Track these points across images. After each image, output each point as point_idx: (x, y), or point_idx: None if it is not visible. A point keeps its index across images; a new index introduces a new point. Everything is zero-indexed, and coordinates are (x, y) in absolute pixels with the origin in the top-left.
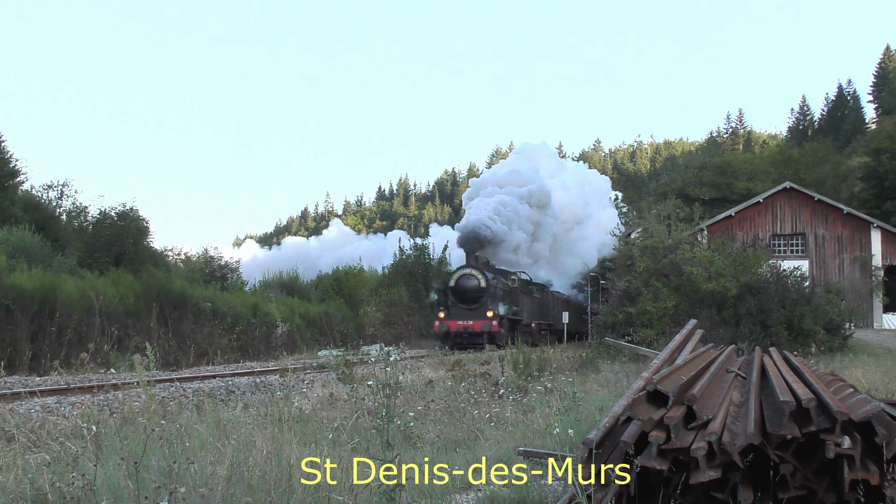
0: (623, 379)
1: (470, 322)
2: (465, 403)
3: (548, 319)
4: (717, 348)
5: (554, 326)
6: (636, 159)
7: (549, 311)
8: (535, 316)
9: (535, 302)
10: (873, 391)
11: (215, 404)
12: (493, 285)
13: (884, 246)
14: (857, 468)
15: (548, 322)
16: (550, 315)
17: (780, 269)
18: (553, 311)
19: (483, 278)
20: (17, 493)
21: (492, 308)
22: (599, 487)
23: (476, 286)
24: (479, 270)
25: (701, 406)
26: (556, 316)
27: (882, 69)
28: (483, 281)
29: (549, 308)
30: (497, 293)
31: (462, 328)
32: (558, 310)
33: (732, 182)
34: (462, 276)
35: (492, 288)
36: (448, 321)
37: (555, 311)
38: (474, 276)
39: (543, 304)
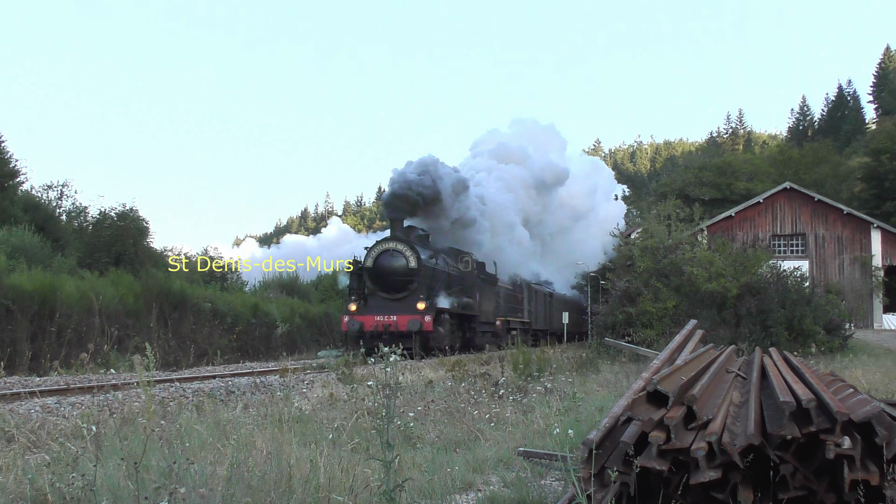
0: (623, 379)
1: (392, 317)
2: (465, 404)
3: (520, 316)
4: (717, 349)
5: (531, 326)
6: (636, 159)
7: (526, 309)
8: (501, 312)
9: (501, 295)
10: (873, 391)
11: (215, 405)
12: (429, 267)
13: (884, 246)
14: (857, 468)
15: (521, 320)
16: (528, 313)
17: (781, 270)
18: (534, 308)
19: (414, 256)
20: (17, 494)
21: (425, 298)
22: (599, 488)
23: (403, 267)
24: (408, 245)
25: (701, 406)
26: (540, 314)
27: (882, 69)
28: (413, 260)
29: (526, 304)
30: (437, 278)
31: (382, 326)
32: (541, 307)
33: (732, 182)
34: (383, 254)
35: (426, 270)
36: (361, 316)
37: (537, 309)
38: (400, 254)
39: (515, 299)
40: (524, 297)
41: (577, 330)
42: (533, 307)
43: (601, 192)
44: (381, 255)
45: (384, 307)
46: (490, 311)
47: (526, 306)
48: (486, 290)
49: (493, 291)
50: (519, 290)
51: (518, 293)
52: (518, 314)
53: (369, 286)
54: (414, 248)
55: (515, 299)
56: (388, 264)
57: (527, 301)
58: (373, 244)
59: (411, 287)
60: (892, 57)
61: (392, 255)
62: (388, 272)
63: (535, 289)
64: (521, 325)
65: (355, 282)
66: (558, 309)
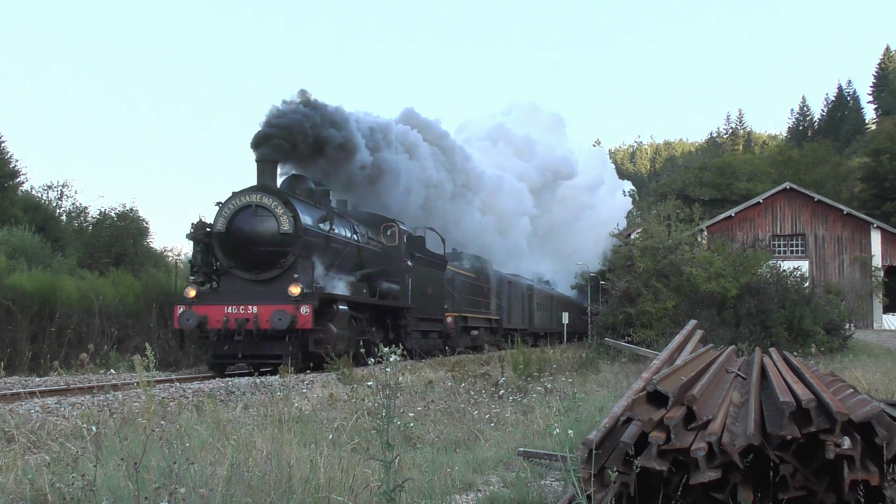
0: (623, 380)
1: (251, 309)
2: (465, 404)
3: (485, 312)
4: (716, 349)
5: (501, 325)
6: (636, 160)
7: (493, 303)
8: (454, 305)
9: (457, 285)
10: (873, 392)
11: (215, 405)
12: (317, 233)
13: (884, 246)
14: (857, 469)
15: (486, 317)
16: (498, 308)
17: (780, 270)
18: (507, 303)
19: (289, 216)
20: (17, 494)
21: (304, 277)
22: (599, 488)
23: (272, 232)
24: (279, 200)
25: (701, 406)
26: (516, 311)
27: (882, 70)
28: (288, 221)
29: (494, 298)
30: (333, 252)
31: (235, 321)
32: (517, 302)
33: (732, 183)
34: (242, 212)
35: (311, 238)
36: (203, 306)
37: (511, 304)
38: (268, 212)
39: (477, 290)
40: (491, 289)
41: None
42: (505, 302)
43: (605, 189)
44: (238, 213)
45: (242, 293)
46: (433, 303)
47: (494, 300)
48: (425, 276)
49: (438, 278)
50: (484, 279)
51: (483, 283)
52: (482, 309)
53: (222, 261)
54: (290, 203)
55: (478, 291)
56: (248, 228)
57: (496, 294)
58: (228, 196)
59: (283, 262)
60: (892, 57)
61: (255, 215)
62: (249, 239)
63: (509, 280)
64: (487, 324)
65: (201, 255)
66: (544, 306)
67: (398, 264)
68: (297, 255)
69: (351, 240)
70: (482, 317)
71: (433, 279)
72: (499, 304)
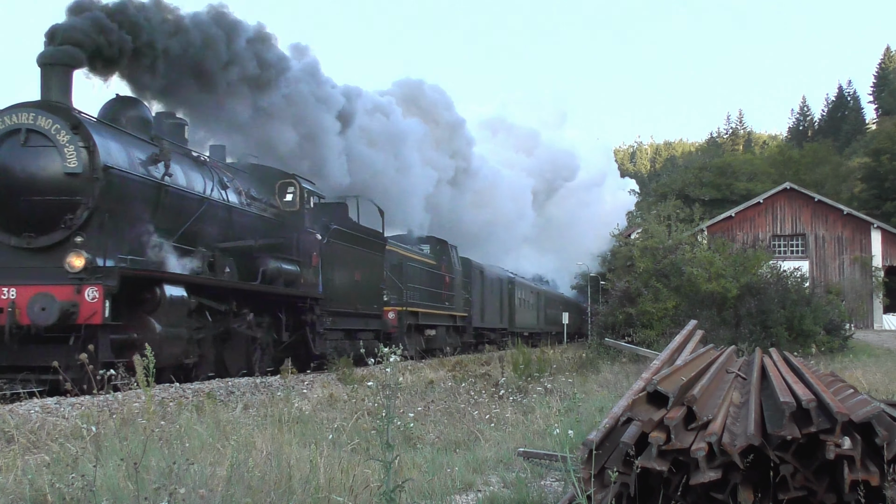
0: (623, 380)
1: (6, 293)
2: (465, 404)
3: (448, 307)
4: (717, 349)
5: (470, 324)
6: (636, 160)
7: (459, 297)
8: (404, 299)
9: (404, 270)
10: (873, 392)
11: (215, 405)
12: (138, 178)
13: (884, 246)
14: (858, 469)
15: (451, 313)
16: (465, 303)
17: (781, 270)
18: (479, 298)
19: (77, 146)
20: (17, 494)
21: (98, 242)
22: (599, 488)
23: (53, 173)
24: (63, 120)
25: (701, 407)
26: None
27: (882, 70)
28: (76, 155)
29: (460, 291)
30: (161, 206)
31: None
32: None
33: (732, 183)
34: (5, 140)
35: (115, 181)
36: None
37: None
38: (44, 139)
39: (437, 281)
40: (455, 280)
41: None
42: (477, 297)
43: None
44: None
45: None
46: (364, 294)
47: (460, 294)
48: (349, 257)
49: (372, 261)
50: (447, 267)
51: (446, 273)
52: (443, 304)
53: None
54: (84, 128)
55: (437, 281)
56: (14, 165)
57: (462, 286)
58: None
59: (70, 221)
60: (893, 57)
61: (25, 145)
62: (15, 183)
63: (482, 270)
64: (450, 322)
65: None
66: (529, 303)
67: (300, 237)
68: (94, 209)
69: (211, 196)
70: (442, 313)
71: (364, 262)
72: (468, 298)
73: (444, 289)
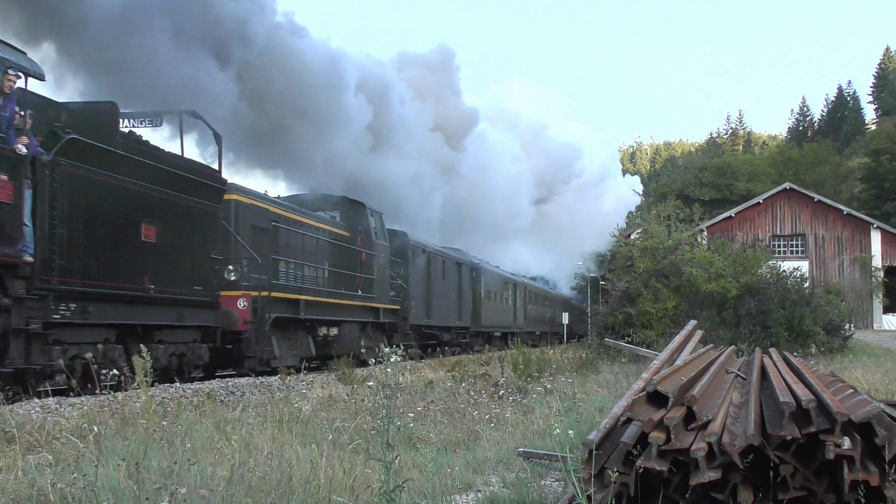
0: (623, 380)
1: None
2: (465, 404)
3: (365, 297)
4: (716, 349)
5: (407, 320)
6: (636, 160)
7: (380, 282)
8: (274, 279)
9: (279, 241)
10: (873, 392)
11: (215, 405)
12: None
13: (884, 247)
14: (857, 469)
15: (365, 304)
16: (393, 291)
17: (780, 270)
18: (423, 288)
19: None
20: (18, 494)
21: None
22: (599, 488)
23: None
24: None
25: (701, 407)
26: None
27: (882, 70)
28: None
29: (380, 273)
30: None
31: None
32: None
33: (732, 183)
34: None
35: None
36: None
37: (432, 291)
38: None
39: (350, 260)
40: (376, 260)
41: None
42: (417, 285)
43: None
44: None
45: None
46: (163, 262)
47: (385, 278)
48: (125, 196)
49: (188, 211)
50: (365, 241)
51: (362, 248)
52: (355, 292)
53: None
54: None
55: (347, 259)
56: None
57: (388, 268)
58: None
59: None
60: (892, 57)
61: None
62: None
63: (427, 251)
64: (363, 316)
65: None
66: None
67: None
68: None
69: None
70: (351, 304)
71: (169, 212)
72: (402, 285)
73: (358, 270)
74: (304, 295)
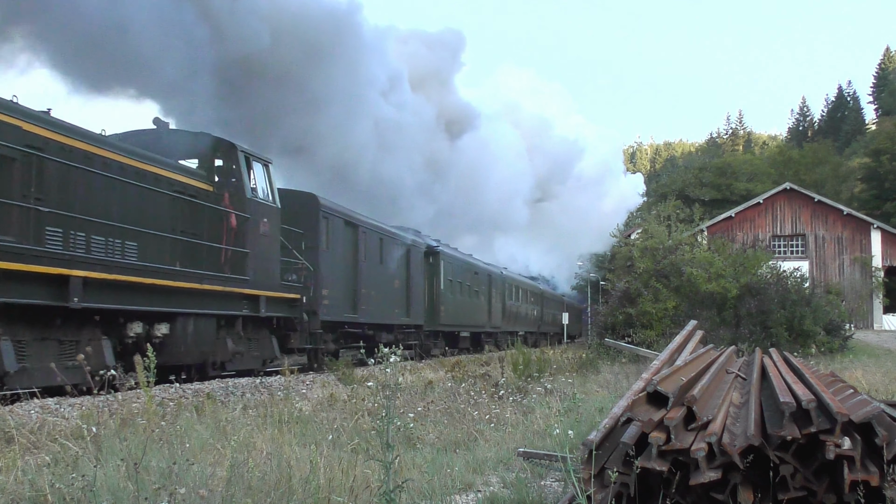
0: (623, 380)
1: None
2: (465, 404)
3: (238, 283)
4: (717, 349)
5: (312, 317)
6: (636, 160)
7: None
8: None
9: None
10: (873, 392)
11: (215, 405)
12: None
13: (884, 247)
14: (857, 469)
15: (243, 291)
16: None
17: (780, 271)
18: (347, 273)
19: None
20: (17, 494)
21: None
22: (599, 488)
23: None
24: None
25: (701, 407)
26: (371, 292)
27: (882, 70)
28: None
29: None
30: None
31: None
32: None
33: (732, 183)
34: None
35: None
36: None
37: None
38: None
39: (213, 224)
40: (253, 227)
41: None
42: (332, 268)
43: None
44: None
45: None
46: None
47: (272, 254)
48: None
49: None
50: (237, 200)
51: (233, 209)
52: (218, 272)
53: None
54: None
55: (204, 222)
56: None
57: (264, 239)
58: None
59: None
60: (892, 58)
61: None
62: None
63: (349, 221)
64: (244, 305)
65: None
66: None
67: None
68: None
69: None
70: (195, 287)
71: None
72: (307, 267)
73: (225, 240)
74: (81, 269)
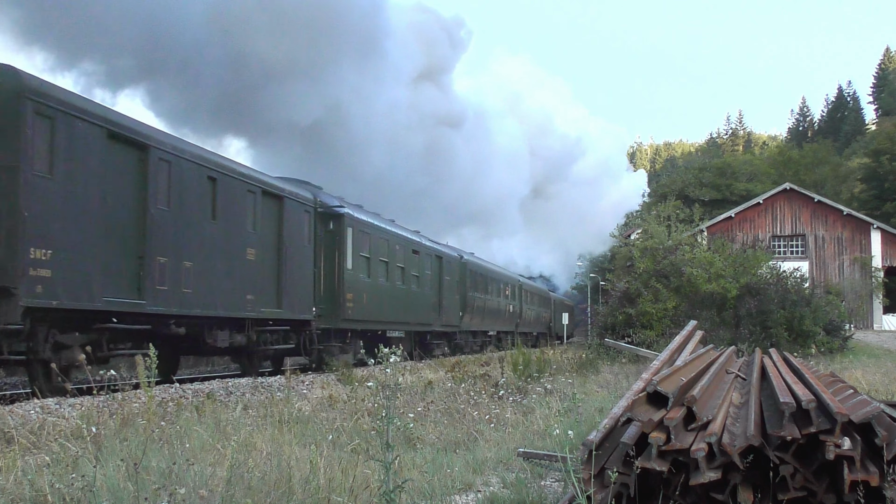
0: (623, 380)
1: None
2: (465, 405)
3: None
4: (716, 349)
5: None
6: (636, 160)
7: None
8: None
9: None
10: (873, 392)
11: (215, 405)
12: None
13: (884, 247)
14: (857, 469)
15: None
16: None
17: (780, 271)
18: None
19: None
20: (17, 495)
21: None
22: (599, 488)
23: None
24: None
25: (701, 407)
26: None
27: (882, 70)
28: None
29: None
30: None
31: None
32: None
33: (732, 183)
34: None
35: None
36: None
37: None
38: None
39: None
40: None
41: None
42: (67, 213)
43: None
44: None
45: None
46: None
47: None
48: None
49: None
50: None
51: None
52: None
53: None
54: None
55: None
56: None
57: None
58: None
59: None
60: (892, 58)
61: None
62: None
63: (171, 159)
64: None
65: None
66: (406, 275)
67: None
68: None
69: None
70: None
71: None
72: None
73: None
74: None
